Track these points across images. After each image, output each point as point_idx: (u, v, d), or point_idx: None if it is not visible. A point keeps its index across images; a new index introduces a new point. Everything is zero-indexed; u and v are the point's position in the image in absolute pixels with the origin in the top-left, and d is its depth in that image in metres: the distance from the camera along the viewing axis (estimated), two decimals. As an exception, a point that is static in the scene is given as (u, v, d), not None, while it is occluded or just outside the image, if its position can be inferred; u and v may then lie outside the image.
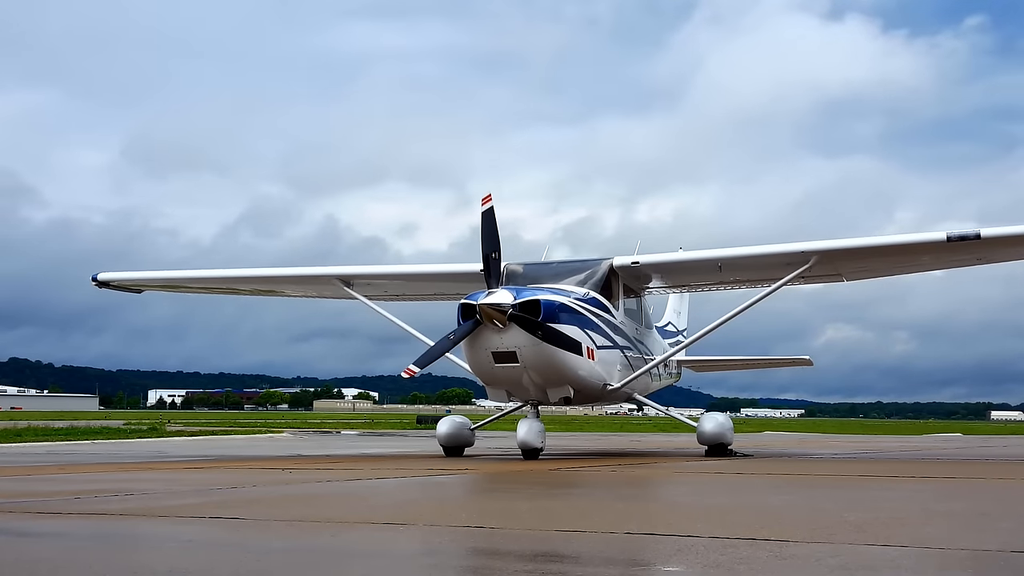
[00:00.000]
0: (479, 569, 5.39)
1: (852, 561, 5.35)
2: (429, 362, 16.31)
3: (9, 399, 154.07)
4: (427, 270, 21.40)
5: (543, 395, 16.69)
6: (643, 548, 5.97)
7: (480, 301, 15.36)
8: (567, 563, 5.32)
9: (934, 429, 65.76)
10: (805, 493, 10.23)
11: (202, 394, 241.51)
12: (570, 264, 18.57)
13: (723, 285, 20.92)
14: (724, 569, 5.10)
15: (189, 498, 9.29)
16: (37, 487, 10.57)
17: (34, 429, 32.56)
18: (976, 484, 11.60)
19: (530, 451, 16.25)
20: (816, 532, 6.41)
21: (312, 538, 6.27)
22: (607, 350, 17.53)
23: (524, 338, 15.52)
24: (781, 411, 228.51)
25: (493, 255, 15.98)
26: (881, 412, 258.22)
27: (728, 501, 9.25)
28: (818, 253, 17.95)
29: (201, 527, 6.93)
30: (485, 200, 16.11)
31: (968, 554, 5.61)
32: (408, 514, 7.67)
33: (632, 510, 8.34)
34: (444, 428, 18.49)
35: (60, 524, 7.20)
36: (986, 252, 17.87)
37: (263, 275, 22.18)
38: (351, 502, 9.19)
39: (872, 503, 8.89)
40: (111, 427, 37.66)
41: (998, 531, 6.68)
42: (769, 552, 5.58)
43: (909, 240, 18.01)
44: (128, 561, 5.52)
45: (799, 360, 29.29)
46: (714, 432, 17.87)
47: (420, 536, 6.44)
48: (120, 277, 22.27)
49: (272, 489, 10.40)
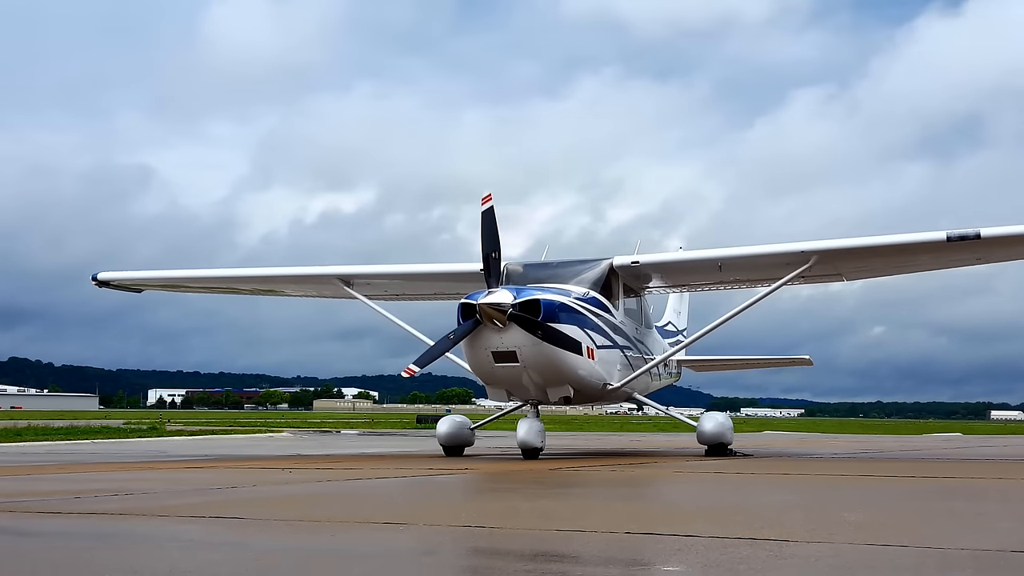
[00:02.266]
0: (479, 569, 5.39)
1: (852, 561, 5.35)
2: (429, 362, 16.30)
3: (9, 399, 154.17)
4: (427, 270, 21.38)
5: (543, 395, 16.69)
6: (643, 548, 5.96)
7: (480, 301, 15.36)
8: (567, 563, 5.32)
9: (934, 429, 65.78)
10: (805, 493, 10.23)
11: (202, 394, 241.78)
12: (570, 264, 18.55)
13: (723, 285, 20.90)
14: (724, 569, 5.10)
15: (189, 498, 9.29)
16: (37, 487, 10.57)
17: (34, 429, 32.62)
18: (976, 484, 11.59)
19: (530, 451, 16.25)
20: (816, 532, 6.41)
21: (312, 538, 6.26)
22: (607, 350, 17.54)
23: (524, 338, 15.52)
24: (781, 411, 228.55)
25: (493, 255, 15.98)
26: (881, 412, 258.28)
27: (728, 501, 9.25)
28: (818, 253, 17.95)
29: (201, 527, 6.93)
30: (485, 200, 16.10)
31: (968, 554, 5.61)
32: (408, 514, 7.67)
33: (632, 510, 8.34)
34: (444, 428, 18.49)
35: (60, 524, 7.20)
36: (986, 252, 17.86)
37: (263, 275, 22.17)
38: (351, 502, 9.19)
39: (872, 503, 8.90)
40: (111, 427, 37.70)
41: (998, 531, 6.67)
42: (769, 552, 5.58)
43: (909, 240, 17.98)
44: (128, 561, 5.52)
45: (799, 360, 29.28)
46: (714, 432, 17.87)
47: (420, 536, 6.44)
48: (120, 277, 22.25)
49: (272, 489, 10.40)
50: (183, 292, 24.44)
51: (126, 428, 36.35)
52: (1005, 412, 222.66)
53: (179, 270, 23.11)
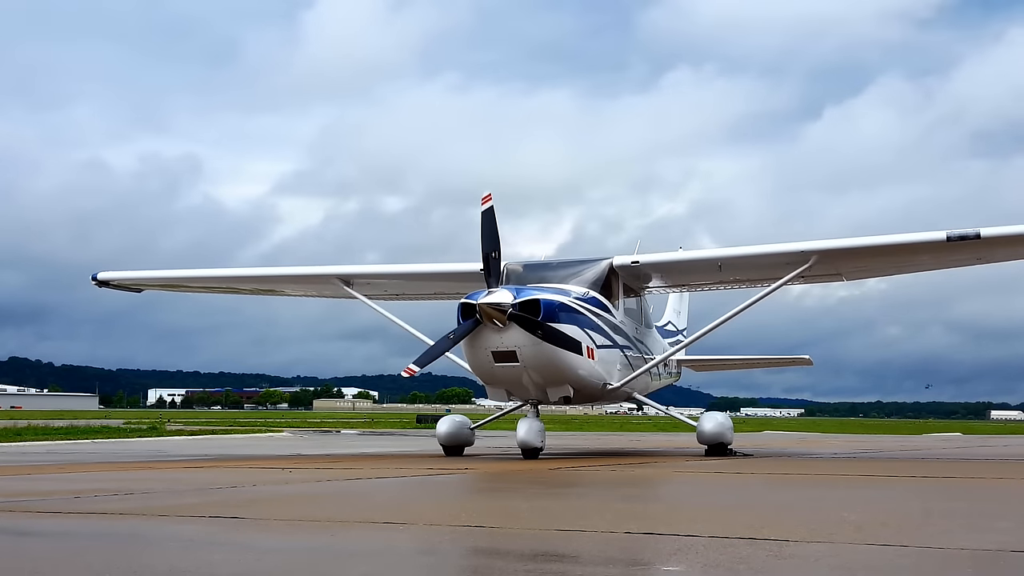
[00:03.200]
0: (479, 568, 5.39)
1: (852, 561, 5.35)
2: (429, 361, 16.31)
3: (9, 398, 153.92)
4: (427, 269, 21.39)
5: (543, 394, 16.69)
6: (643, 547, 5.97)
7: (480, 300, 15.36)
8: (567, 562, 5.32)
9: (934, 429, 65.78)
10: (805, 492, 10.23)
11: (202, 393, 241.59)
12: (570, 263, 18.55)
13: (723, 285, 20.91)
14: (724, 568, 5.10)
15: (189, 497, 9.29)
16: (37, 486, 10.57)
17: (34, 428, 32.64)
18: (975, 484, 11.59)
19: (530, 450, 16.25)
20: (816, 532, 6.41)
21: (312, 538, 6.27)
22: (607, 349, 17.54)
23: (524, 337, 15.52)
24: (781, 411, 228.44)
25: (493, 254, 15.99)
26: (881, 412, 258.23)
27: (728, 500, 9.25)
28: (818, 253, 17.95)
29: (201, 527, 6.93)
30: (485, 199, 16.11)
31: (968, 554, 5.61)
32: (408, 513, 7.67)
33: (632, 509, 8.34)
34: (444, 427, 18.49)
35: (60, 523, 7.20)
36: (986, 252, 17.87)
37: (263, 274, 22.18)
38: (351, 501, 9.19)
39: (872, 503, 8.89)
40: (111, 426, 37.71)
41: (997, 531, 6.67)
42: (769, 552, 5.58)
43: (909, 240, 17.97)
44: (128, 560, 5.52)
45: (799, 360, 29.30)
46: (714, 432, 17.88)
47: (420, 535, 6.44)
48: (120, 276, 22.24)
49: (272, 488, 10.40)
50: (183, 292, 24.44)
51: (126, 428, 36.36)
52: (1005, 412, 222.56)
53: (179, 270, 23.10)
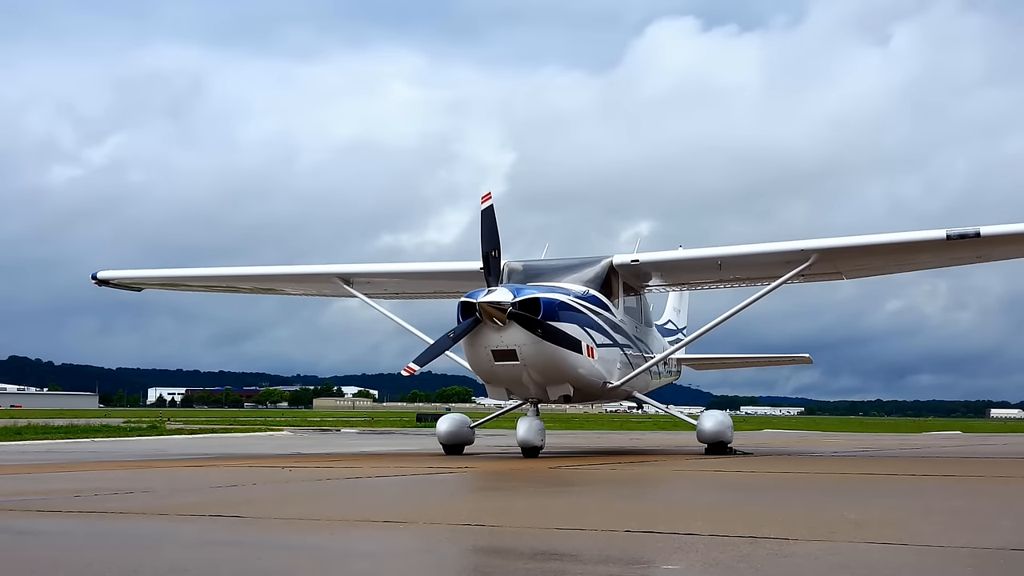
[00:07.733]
0: (479, 567, 5.39)
1: (852, 559, 5.35)
2: (429, 360, 16.30)
3: (9, 397, 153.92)
4: (426, 268, 21.38)
5: (543, 393, 16.68)
6: (643, 546, 5.96)
7: (480, 299, 15.35)
8: (567, 561, 5.31)
9: (934, 427, 65.78)
10: (805, 491, 10.23)
11: (202, 392, 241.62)
12: (570, 262, 18.54)
13: (723, 283, 20.89)
14: (724, 567, 5.10)
15: (189, 496, 9.29)
16: (37, 485, 10.57)
17: (34, 427, 32.64)
18: (976, 482, 11.59)
19: (530, 449, 16.25)
20: (816, 530, 6.41)
21: (312, 536, 6.27)
22: (607, 348, 17.53)
23: (524, 336, 15.51)
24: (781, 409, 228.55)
25: (493, 253, 15.98)
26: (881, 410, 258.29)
27: (728, 499, 9.25)
28: (818, 251, 17.94)
29: (201, 526, 6.93)
30: (485, 198, 16.10)
31: (968, 552, 5.61)
32: (408, 512, 7.67)
33: (632, 508, 8.33)
34: (444, 426, 18.48)
35: (60, 523, 7.20)
36: (986, 250, 17.87)
37: (263, 273, 22.17)
38: (351, 500, 9.19)
39: (872, 501, 8.89)
40: (111, 425, 37.70)
41: (998, 529, 6.67)
42: (769, 550, 5.58)
43: (909, 238, 17.96)
44: (128, 560, 5.52)
45: (799, 358, 29.30)
46: (714, 430, 17.86)
47: (420, 534, 6.44)
48: (119, 275, 22.23)
49: (272, 487, 10.41)
50: (183, 291, 24.43)
51: (126, 427, 36.36)
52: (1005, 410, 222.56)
53: (179, 269, 23.08)
